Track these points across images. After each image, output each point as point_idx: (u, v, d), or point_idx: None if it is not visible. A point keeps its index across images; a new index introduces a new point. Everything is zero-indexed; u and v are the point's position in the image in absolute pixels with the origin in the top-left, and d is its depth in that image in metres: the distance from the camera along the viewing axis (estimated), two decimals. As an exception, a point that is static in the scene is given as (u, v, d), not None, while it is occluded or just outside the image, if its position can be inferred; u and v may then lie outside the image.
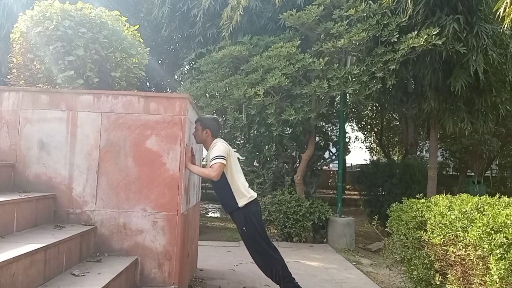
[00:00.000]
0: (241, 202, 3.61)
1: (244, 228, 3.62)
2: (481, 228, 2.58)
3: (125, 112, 3.33)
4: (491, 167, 14.96)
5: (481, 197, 3.44)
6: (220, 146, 3.63)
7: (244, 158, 8.20)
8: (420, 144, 13.81)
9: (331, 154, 9.54)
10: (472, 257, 2.68)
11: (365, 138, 18.76)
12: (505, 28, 4.36)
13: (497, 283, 2.39)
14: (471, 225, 2.74)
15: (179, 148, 3.31)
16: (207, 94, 7.41)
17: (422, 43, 6.02)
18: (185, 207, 3.56)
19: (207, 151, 3.79)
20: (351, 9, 6.59)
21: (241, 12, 7.36)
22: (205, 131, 3.73)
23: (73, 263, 2.86)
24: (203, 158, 5.53)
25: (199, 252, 5.18)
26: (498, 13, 3.97)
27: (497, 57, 6.50)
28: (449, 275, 3.03)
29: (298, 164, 8.03)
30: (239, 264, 5.47)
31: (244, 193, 3.65)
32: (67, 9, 3.72)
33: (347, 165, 17.76)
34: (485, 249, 2.51)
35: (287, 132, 7.68)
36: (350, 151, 15.71)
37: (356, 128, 17.42)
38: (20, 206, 2.81)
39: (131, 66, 4.08)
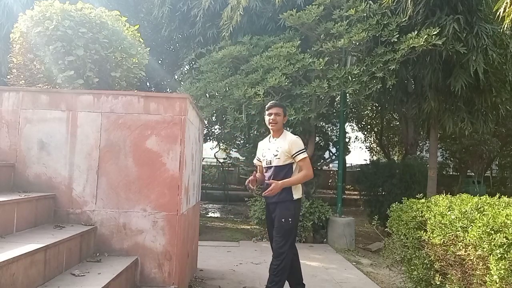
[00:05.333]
0: (295, 196, 3.64)
1: (290, 220, 3.59)
2: (481, 228, 2.58)
3: (125, 112, 3.33)
4: (491, 167, 14.97)
5: (481, 197, 3.44)
6: (299, 139, 3.71)
7: (244, 158, 8.21)
8: (420, 144, 13.80)
9: (331, 154, 9.55)
10: (472, 257, 2.68)
11: (365, 138, 18.75)
12: (505, 28, 4.36)
13: (497, 283, 2.39)
14: (471, 225, 2.74)
15: (179, 148, 3.31)
16: (207, 94, 7.41)
17: (422, 43, 6.02)
18: (185, 207, 3.56)
19: (274, 138, 3.77)
20: (351, 9, 6.59)
21: (241, 12, 7.37)
22: (285, 118, 3.82)
23: (73, 263, 2.86)
24: (204, 158, 5.52)
25: (199, 252, 5.18)
26: (498, 13, 3.97)
27: (497, 57, 6.50)
28: (449, 275, 3.03)
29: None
30: (239, 264, 5.47)
31: (300, 189, 3.72)
32: (67, 9, 3.72)
33: (347, 165, 17.77)
34: (485, 249, 2.51)
35: (287, 132, 7.67)
36: (350, 151, 15.73)
37: (356, 128, 17.41)
38: (20, 206, 2.81)
39: (131, 66, 4.08)
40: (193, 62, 9.09)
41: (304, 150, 3.67)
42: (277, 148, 3.66)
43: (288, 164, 3.63)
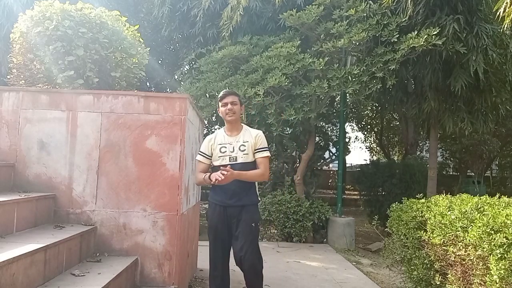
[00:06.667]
0: (259, 197, 3.34)
1: (258, 224, 3.28)
2: (481, 228, 2.58)
3: (125, 112, 3.33)
4: (491, 167, 14.94)
5: (481, 197, 3.44)
6: (263, 135, 3.31)
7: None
8: (420, 144, 13.80)
9: (331, 154, 9.55)
10: (472, 257, 2.68)
11: (365, 138, 18.76)
12: (505, 28, 4.36)
13: (497, 283, 2.39)
14: (471, 225, 2.74)
15: (179, 148, 3.31)
16: (207, 94, 7.41)
17: (422, 43, 6.02)
18: (185, 207, 3.56)
19: (232, 132, 3.28)
20: (351, 9, 6.59)
21: (241, 12, 7.37)
22: (241, 107, 3.34)
23: (73, 263, 2.86)
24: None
25: (199, 252, 5.17)
26: (498, 13, 3.97)
27: (497, 57, 6.50)
28: (449, 275, 3.03)
29: (298, 164, 8.03)
30: (239, 264, 5.45)
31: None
32: (67, 9, 3.72)
33: (347, 165, 17.75)
34: (485, 249, 2.51)
35: (287, 132, 7.69)
36: (350, 151, 15.73)
37: (356, 128, 17.42)
38: (20, 206, 2.81)
39: (131, 66, 4.08)
40: (193, 62, 9.10)
41: (269, 149, 3.33)
42: (243, 142, 3.22)
43: (254, 161, 3.23)
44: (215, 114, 7.85)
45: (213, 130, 10.85)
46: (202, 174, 3.21)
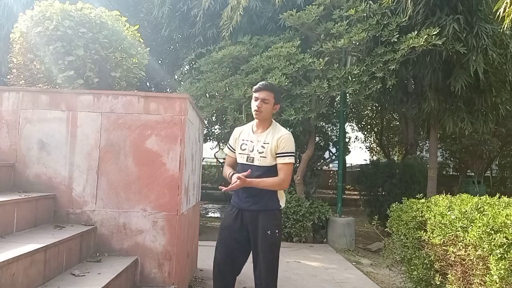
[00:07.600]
0: (281, 203, 3.03)
1: (277, 231, 2.95)
2: (481, 228, 2.58)
3: (125, 112, 3.32)
4: (491, 167, 14.95)
5: (481, 197, 3.44)
6: (292, 138, 2.94)
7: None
8: (420, 144, 13.81)
9: (331, 154, 9.56)
10: (472, 257, 2.68)
11: (365, 138, 18.76)
12: (505, 28, 4.36)
13: (497, 283, 2.39)
14: (471, 225, 2.74)
15: (179, 148, 3.31)
16: (207, 94, 7.41)
17: (422, 43, 6.02)
18: (185, 207, 3.56)
19: (258, 129, 3.01)
20: (351, 9, 6.60)
21: (241, 12, 7.37)
22: (275, 107, 2.99)
23: (73, 263, 2.86)
24: (204, 158, 5.50)
25: (199, 252, 5.17)
26: (498, 13, 3.97)
27: (497, 57, 6.51)
28: (449, 275, 3.03)
29: (298, 164, 8.03)
30: (239, 264, 5.45)
31: (284, 196, 3.07)
32: (67, 9, 3.72)
33: (347, 165, 17.76)
34: (485, 249, 2.51)
35: (287, 132, 7.68)
36: (350, 151, 15.74)
37: (356, 128, 17.43)
38: (20, 206, 2.81)
39: (131, 66, 4.08)
40: (193, 62, 9.10)
41: (293, 155, 2.96)
42: (263, 143, 2.92)
43: (275, 165, 2.92)
44: (215, 114, 7.85)
45: (213, 130, 10.86)
46: (228, 168, 3.07)
